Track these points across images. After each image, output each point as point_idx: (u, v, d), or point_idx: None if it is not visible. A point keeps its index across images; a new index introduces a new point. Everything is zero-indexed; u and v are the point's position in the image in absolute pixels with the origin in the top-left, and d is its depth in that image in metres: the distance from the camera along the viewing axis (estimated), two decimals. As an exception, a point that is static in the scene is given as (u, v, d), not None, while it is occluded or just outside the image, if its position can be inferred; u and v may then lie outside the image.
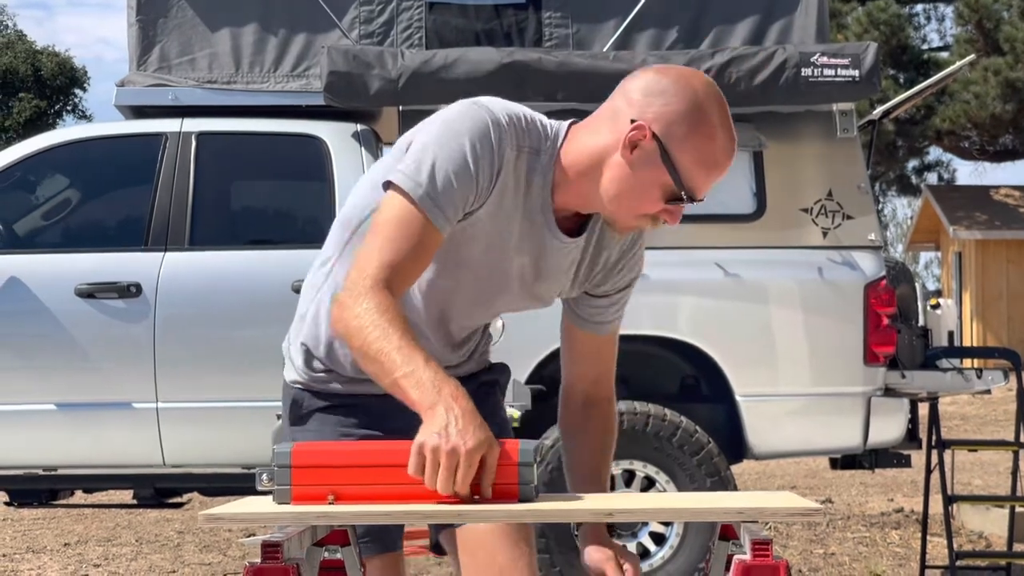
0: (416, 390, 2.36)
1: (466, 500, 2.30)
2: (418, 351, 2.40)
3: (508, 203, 2.62)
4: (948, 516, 6.87)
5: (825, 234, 6.38)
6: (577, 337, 2.91)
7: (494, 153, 2.55)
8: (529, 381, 6.18)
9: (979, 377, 6.58)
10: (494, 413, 2.94)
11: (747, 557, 2.20)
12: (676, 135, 2.51)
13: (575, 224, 2.72)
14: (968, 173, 60.11)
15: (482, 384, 2.96)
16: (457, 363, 2.88)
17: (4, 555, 8.27)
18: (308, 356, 2.86)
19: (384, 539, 2.92)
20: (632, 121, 2.53)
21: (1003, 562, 7.28)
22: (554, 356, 5.97)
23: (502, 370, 3.07)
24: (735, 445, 6.40)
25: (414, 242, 2.51)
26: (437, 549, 3.06)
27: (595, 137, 2.60)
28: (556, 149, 2.63)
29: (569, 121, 2.71)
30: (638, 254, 2.84)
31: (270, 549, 2.20)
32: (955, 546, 6.90)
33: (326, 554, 2.51)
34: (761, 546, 2.19)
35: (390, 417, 2.73)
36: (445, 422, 2.29)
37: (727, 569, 2.34)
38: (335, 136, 6.47)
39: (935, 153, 28.44)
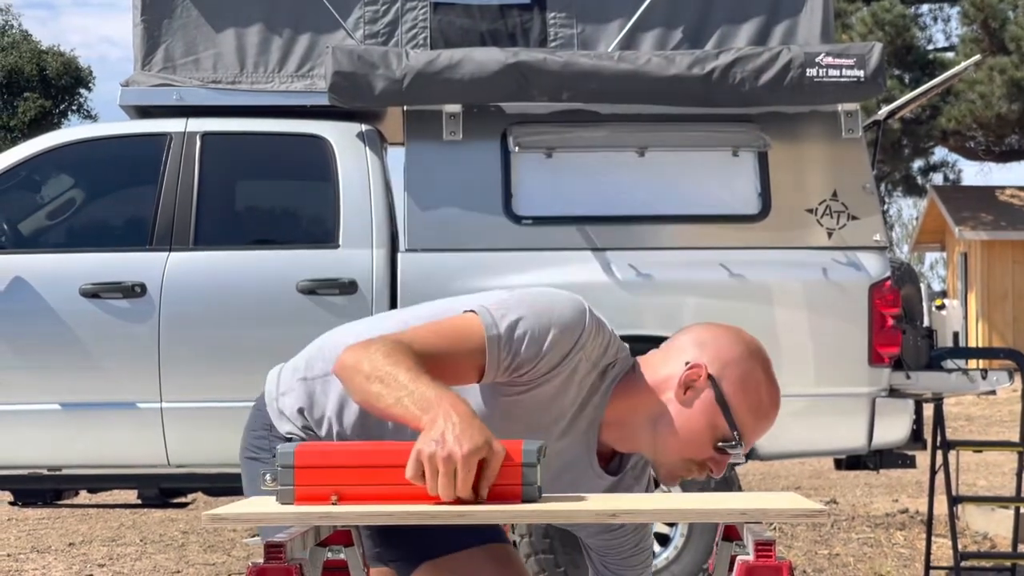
0: (416, 405, 2.36)
1: (469, 502, 2.30)
2: (424, 376, 2.40)
3: (559, 409, 2.64)
4: (953, 517, 6.86)
5: (830, 235, 6.37)
6: None
7: (571, 349, 2.58)
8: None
9: (984, 378, 6.57)
10: None
11: (750, 558, 2.20)
12: (730, 378, 2.59)
13: (608, 459, 2.76)
14: (974, 173, 60.05)
15: None
16: None
17: (9, 555, 8.27)
18: (304, 419, 2.83)
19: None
20: (687, 363, 2.60)
21: (1008, 563, 7.27)
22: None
23: None
24: (739, 446, 6.39)
25: (457, 353, 2.54)
26: None
27: (653, 374, 2.65)
28: (618, 378, 2.67)
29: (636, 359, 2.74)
30: (645, 529, 2.93)
31: (273, 549, 2.20)
32: (960, 547, 6.90)
33: (329, 554, 2.51)
34: (764, 547, 2.19)
35: None
36: (442, 429, 2.28)
37: (730, 570, 2.34)
38: (340, 136, 6.47)
39: (940, 153, 28.44)
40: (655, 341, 6.78)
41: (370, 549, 2.84)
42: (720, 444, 2.59)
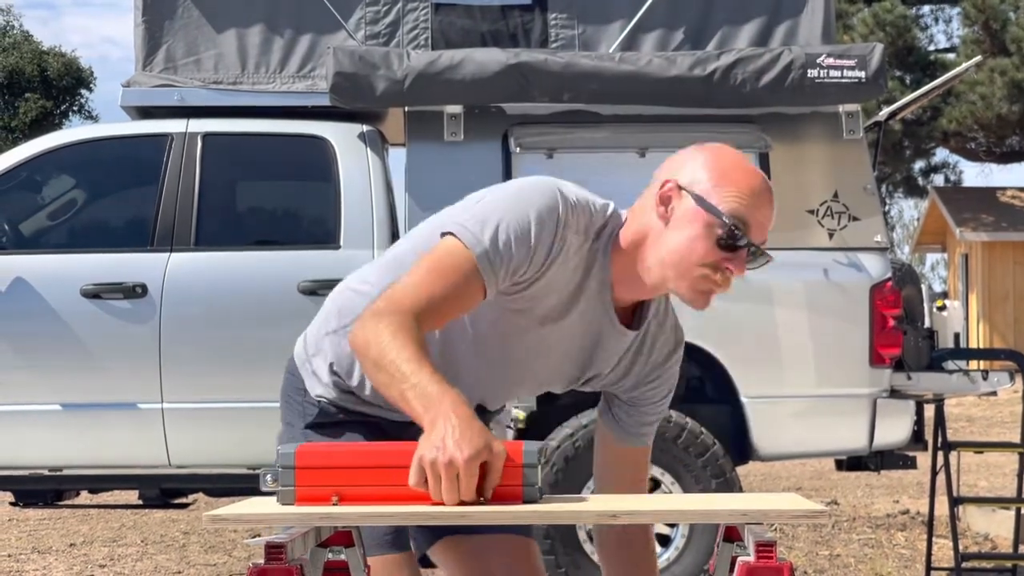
0: (418, 401, 2.37)
1: (473, 504, 2.31)
2: (427, 365, 2.40)
3: (565, 284, 2.65)
4: (954, 518, 6.86)
5: (831, 235, 6.38)
6: (617, 454, 2.96)
7: (557, 231, 2.57)
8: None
9: (985, 379, 6.57)
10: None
11: (751, 559, 2.20)
12: (699, 177, 2.55)
13: (631, 316, 2.76)
14: (975, 175, 60.14)
15: (491, 414, 2.99)
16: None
17: (10, 555, 8.28)
18: (336, 376, 2.86)
19: (399, 539, 2.90)
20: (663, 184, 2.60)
21: (1009, 564, 7.27)
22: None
23: (508, 415, 3.14)
24: (740, 446, 6.40)
25: (457, 288, 2.53)
26: (423, 562, 3.06)
27: (639, 218, 2.64)
28: (613, 235, 2.66)
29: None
30: (673, 369, 2.89)
31: (274, 550, 2.20)
32: (961, 548, 6.90)
33: (330, 555, 2.51)
34: (765, 548, 2.19)
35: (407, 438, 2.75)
36: (442, 433, 2.28)
37: (731, 571, 2.34)
38: (341, 137, 6.48)
39: (941, 154, 28.44)
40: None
41: (388, 530, 2.85)
42: (723, 240, 2.55)
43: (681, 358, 2.91)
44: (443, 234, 2.57)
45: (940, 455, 6.88)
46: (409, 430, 2.54)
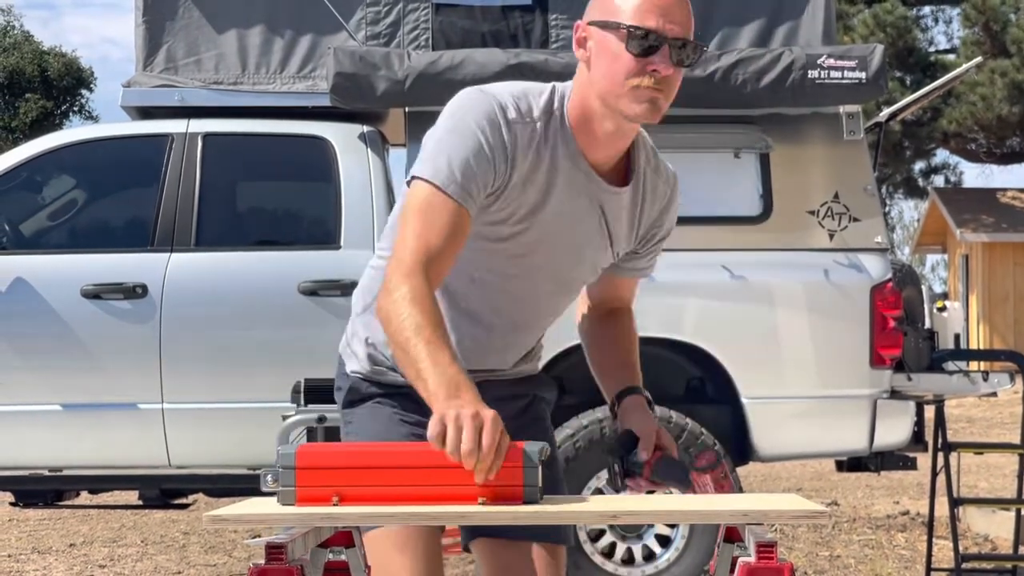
0: (438, 388, 2.40)
1: (470, 497, 2.30)
2: (446, 348, 2.45)
3: (537, 173, 2.69)
4: (954, 519, 6.86)
5: (831, 236, 6.38)
6: (612, 282, 3.02)
7: (504, 132, 2.63)
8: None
9: (985, 380, 6.57)
10: (543, 429, 3.03)
11: (752, 559, 2.20)
12: (598, 8, 2.64)
13: (622, 176, 2.80)
14: (975, 175, 60.17)
15: (536, 397, 3.04)
16: (515, 362, 2.96)
17: (10, 556, 8.28)
18: (371, 350, 2.90)
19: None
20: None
21: (1009, 565, 7.26)
22: (566, 354, 5.95)
23: (550, 386, 3.11)
24: (741, 447, 6.40)
25: (443, 224, 2.59)
26: (469, 549, 3.07)
27: (577, 76, 2.74)
28: (564, 105, 2.72)
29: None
30: (674, 208, 2.93)
31: (274, 551, 2.20)
32: (961, 549, 6.90)
33: (330, 556, 2.51)
34: (766, 548, 2.19)
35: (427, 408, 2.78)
36: (466, 407, 2.35)
37: (732, 571, 2.34)
38: (341, 137, 6.48)
39: (942, 155, 28.45)
40: (657, 344, 6.83)
41: None
42: (633, 46, 2.59)
43: (679, 201, 2.95)
44: (409, 183, 2.66)
45: (940, 456, 6.88)
46: None
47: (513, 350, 2.94)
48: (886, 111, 7.57)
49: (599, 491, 6.17)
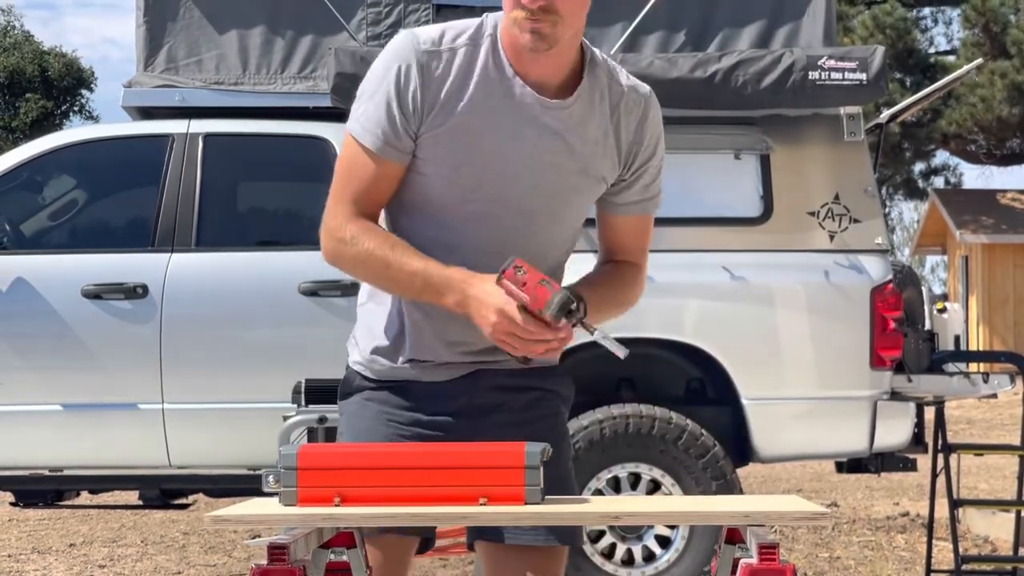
0: (439, 298, 2.64)
1: (471, 498, 2.30)
2: (413, 259, 2.65)
3: (474, 103, 2.70)
4: (954, 520, 6.86)
5: (832, 238, 6.38)
6: (613, 222, 2.94)
7: (415, 70, 2.70)
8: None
9: (985, 381, 6.57)
10: (554, 426, 2.90)
11: (754, 561, 2.20)
12: None
13: (569, 89, 2.75)
14: (975, 177, 60.32)
15: (548, 391, 2.93)
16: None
17: (10, 555, 8.27)
18: (365, 338, 2.92)
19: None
20: None
21: (1009, 567, 7.26)
22: (573, 351, 5.95)
23: (564, 381, 3.01)
24: (741, 448, 6.40)
25: (367, 173, 2.74)
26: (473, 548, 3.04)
27: None
28: (498, 31, 2.72)
29: None
30: (651, 122, 2.84)
31: (276, 551, 2.20)
32: (961, 550, 6.89)
33: (332, 556, 2.51)
34: (768, 550, 2.19)
35: (433, 401, 2.80)
36: (475, 309, 2.59)
37: (734, 572, 2.34)
38: (342, 138, 6.45)
39: (942, 157, 28.45)
40: (657, 344, 6.82)
41: None
42: None
43: (660, 115, 2.86)
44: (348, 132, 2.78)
45: (940, 457, 6.88)
46: (445, 389, 2.75)
47: None
48: (886, 112, 7.57)
49: (599, 492, 6.17)
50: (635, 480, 6.27)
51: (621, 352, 2.60)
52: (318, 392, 5.60)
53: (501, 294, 2.57)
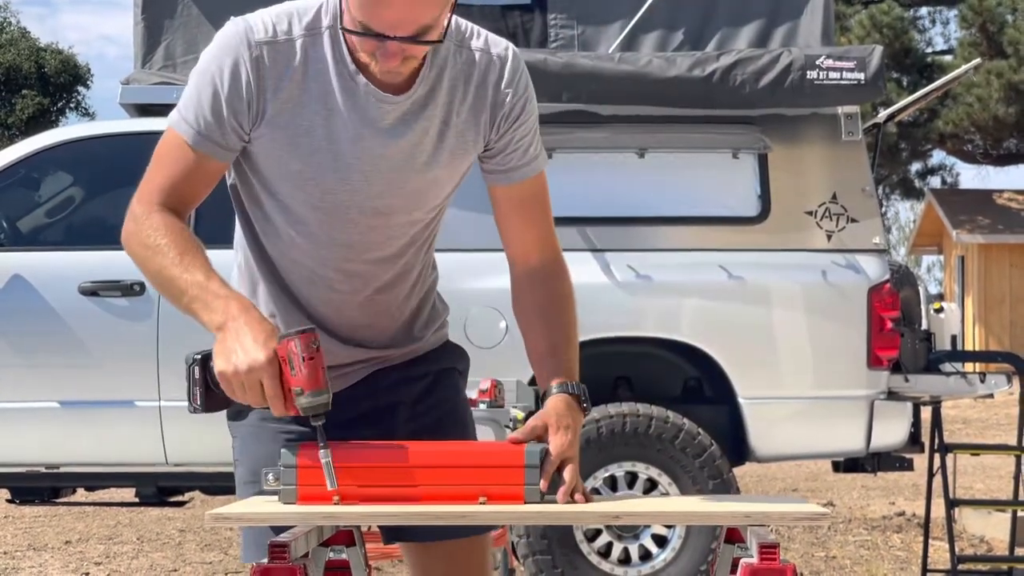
0: (205, 312, 2.43)
1: (471, 496, 2.30)
2: (198, 270, 2.49)
3: (310, 95, 2.52)
4: (950, 520, 6.86)
5: (829, 237, 6.38)
6: (504, 198, 2.73)
7: (245, 63, 2.50)
8: (532, 382, 6.18)
9: (982, 381, 6.58)
10: (455, 405, 2.81)
11: (754, 560, 2.20)
12: None
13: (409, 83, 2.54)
14: (971, 177, 60.36)
15: (441, 371, 2.81)
16: (399, 334, 2.73)
17: (5, 552, 8.27)
18: None
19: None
20: None
21: (1005, 566, 7.27)
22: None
23: (459, 355, 2.88)
24: (737, 447, 6.40)
25: (182, 166, 2.57)
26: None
27: None
28: (339, 21, 2.49)
29: None
30: (515, 82, 2.63)
31: (277, 549, 2.20)
32: (957, 550, 6.90)
33: (331, 554, 2.51)
34: (768, 549, 2.19)
35: (335, 412, 2.51)
36: (235, 343, 2.35)
37: (733, 572, 2.34)
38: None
39: (938, 156, 28.50)
40: (654, 344, 6.83)
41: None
42: (354, 34, 2.43)
43: (522, 72, 2.64)
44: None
45: (937, 457, 6.88)
46: (343, 397, 2.57)
47: (386, 316, 2.71)
48: (884, 112, 7.58)
49: (596, 491, 6.18)
50: (632, 479, 6.27)
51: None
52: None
53: (270, 346, 2.34)
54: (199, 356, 2.46)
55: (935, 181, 29.54)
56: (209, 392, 2.46)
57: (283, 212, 2.63)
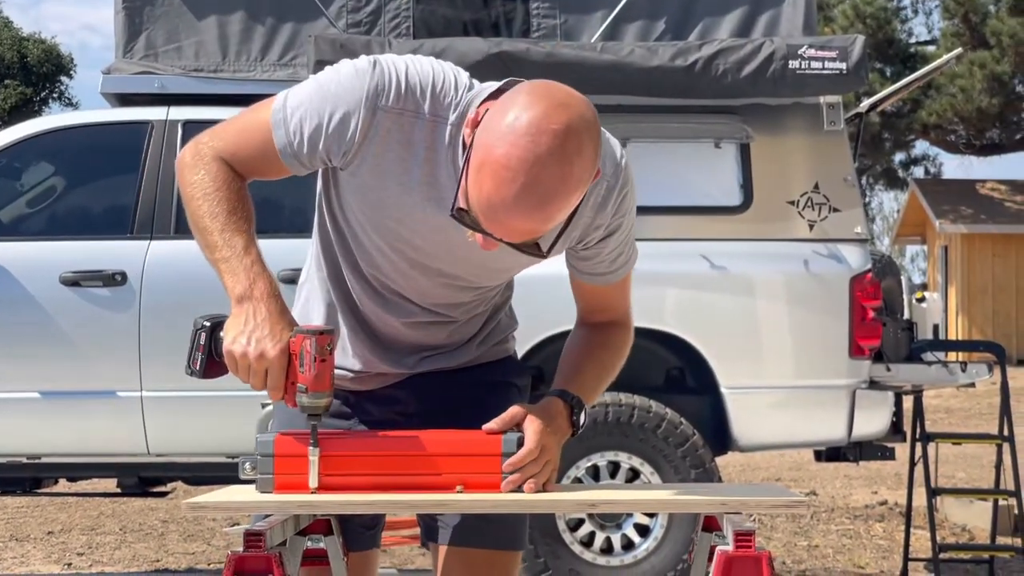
0: (230, 277, 2.46)
1: (448, 485, 2.30)
2: (240, 235, 2.48)
3: (402, 171, 2.47)
4: (932, 509, 6.88)
5: (811, 227, 6.38)
6: (582, 287, 2.78)
7: (360, 119, 2.44)
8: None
9: (963, 371, 6.59)
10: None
11: (730, 548, 2.21)
12: (480, 146, 2.26)
13: None
14: (954, 167, 60.59)
15: (495, 384, 2.78)
16: (439, 344, 2.72)
17: (-13, 543, 8.26)
18: None
19: (359, 538, 2.80)
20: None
21: (986, 555, 7.29)
22: (550, 340, 5.96)
23: (519, 371, 2.86)
24: (720, 437, 6.41)
25: (260, 154, 2.55)
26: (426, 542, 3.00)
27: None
28: (463, 120, 2.43)
29: (494, 88, 2.44)
30: (612, 207, 2.63)
31: (253, 538, 2.20)
32: (938, 539, 6.92)
33: (309, 543, 2.51)
34: (744, 537, 2.20)
35: (363, 410, 2.71)
36: (253, 325, 2.37)
37: (710, 560, 2.35)
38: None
39: (921, 147, 28.58)
40: (638, 333, 6.81)
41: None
42: (457, 208, 2.32)
43: (625, 197, 2.63)
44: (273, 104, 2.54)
45: (918, 446, 6.91)
46: (369, 401, 2.60)
47: (442, 334, 2.71)
48: (866, 102, 7.58)
49: (578, 480, 6.18)
50: (614, 468, 6.27)
51: None
52: (297, 380, 5.58)
53: (285, 339, 2.37)
54: (208, 323, 2.48)
55: (918, 171, 29.63)
56: (211, 360, 2.46)
57: (355, 240, 2.62)
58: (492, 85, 2.46)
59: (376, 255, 2.61)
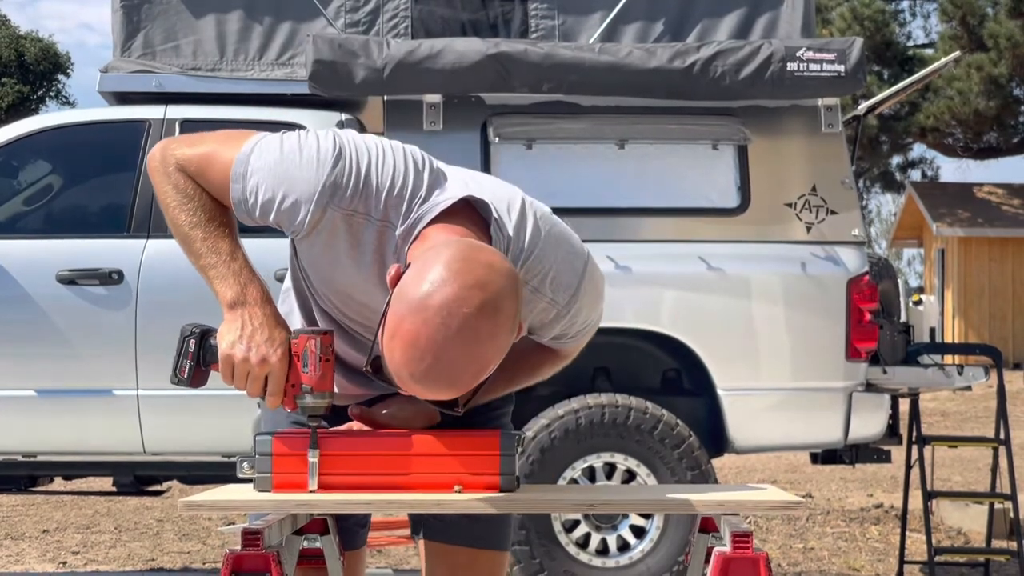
0: (220, 283, 2.47)
1: (446, 485, 2.30)
2: (224, 240, 2.49)
3: (347, 258, 2.46)
4: (927, 512, 6.89)
5: (808, 229, 6.38)
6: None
7: (311, 210, 2.41)
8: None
9: (960, 374, 6.59)
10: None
11: (727, 549, 2.21)
12: (396, 313, 2.21)
13: None
14: (952, 170, 60.59)
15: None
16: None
17: (-18, 541, 8.25)
18: None
19: (354, 537, 2.81)
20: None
21: (981, 558, 7.30)
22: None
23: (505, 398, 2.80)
24: (716, 439, 6.41)
25: (216, 191, 2.52)
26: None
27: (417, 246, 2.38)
28: (409, 234, 2.40)
29: (450, 203, 2.41)
30: (568, 321, 2.61)
31: (250, 537, 2.20)
32: (934, 542, 6.93)
33: (305, 543, 2.51)
34: (741, 538, 2.20)
35: (341, 421, 2.65)
36: (250, 330, 2.39)
37: (707, 561, 2.35)
38: (319, 125, 6.43)
39: (919, 150, 28.58)
40: (633, 335, 6.81)
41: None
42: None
43: (583, 314, 2.59)
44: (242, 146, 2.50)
45: (915, 449, 6.91)
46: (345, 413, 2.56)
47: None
48: (864, 105, 7.59)
49: (574, 481, 6.18)
50: (610, 470, 6.27)
51: None
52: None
53: (285, 344, 2.38)
54: (197, 330, 2.48)
55: (915, 174, 29.64)
56: (198, 368, 2.46)
57: (312, 288, 2.63)
58: (445, 200, 2.41)
59: (331, 305, 2.60)
